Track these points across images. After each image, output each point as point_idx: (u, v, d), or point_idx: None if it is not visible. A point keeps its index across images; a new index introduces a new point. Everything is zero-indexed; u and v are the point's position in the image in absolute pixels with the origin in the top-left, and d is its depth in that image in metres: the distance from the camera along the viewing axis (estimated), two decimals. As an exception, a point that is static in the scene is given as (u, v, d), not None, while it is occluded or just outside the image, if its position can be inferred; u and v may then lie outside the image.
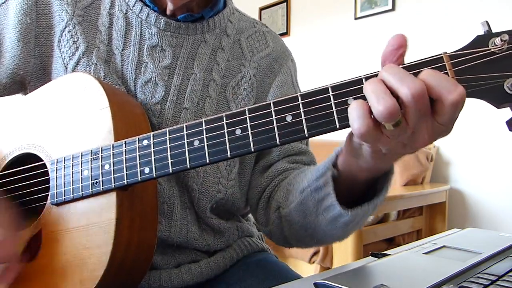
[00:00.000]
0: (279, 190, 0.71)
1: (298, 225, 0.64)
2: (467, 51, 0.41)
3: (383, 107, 0.39)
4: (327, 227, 0.59)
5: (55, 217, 0.58)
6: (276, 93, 0.77)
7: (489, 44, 0.41)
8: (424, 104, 0.40)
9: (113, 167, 0.54)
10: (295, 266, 2.07)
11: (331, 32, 3.12)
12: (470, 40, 0.42)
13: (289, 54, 0.83)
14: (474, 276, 0.46)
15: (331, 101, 0.45)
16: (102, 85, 0.59)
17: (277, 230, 0.70)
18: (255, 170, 0.77)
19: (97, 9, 0.71)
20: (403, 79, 0.40)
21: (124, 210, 0.55)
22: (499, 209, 2.31)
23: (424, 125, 0.42)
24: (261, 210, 0.74)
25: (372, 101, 0.40)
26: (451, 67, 0.41)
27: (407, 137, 0.43)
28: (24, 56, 0.69)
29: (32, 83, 0.71)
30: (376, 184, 0.55)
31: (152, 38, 0.70)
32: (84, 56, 0.68)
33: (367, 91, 0.42)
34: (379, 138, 0.43)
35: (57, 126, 0.61)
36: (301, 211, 0.62)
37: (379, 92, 0.40)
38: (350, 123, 0.42)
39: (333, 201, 0.54)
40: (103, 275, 0.53)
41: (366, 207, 0.53)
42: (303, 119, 0.45)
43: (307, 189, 0.59)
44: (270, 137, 0.46)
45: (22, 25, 0.68)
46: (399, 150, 0.45)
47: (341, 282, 0.44)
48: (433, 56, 0.42)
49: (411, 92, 0.39)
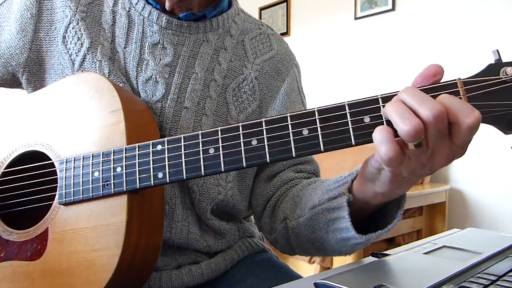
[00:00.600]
0: (285, 200, 0.71)
1: (306, 238, 0.64)
2: (479, 78, 0.44)
3: (409, 126, 0.41)
4: (337, 244, 0.59)
5: (63, 217, 0.58)
6: (285, 100, 0.77)
7: (500, 73, 0.43)
8: (443, 125, 0.42)
9: (125, 170, 0.54)
10: (295, 266, 2.07)
11: (331, 32, 3.12)
12: (483, 68, 0.44)
13: (293, 58, 0.83)
14: (474, 276, 0.46)
15: (348, 119, 0.46)
16: (115, 87, 0.59)
17: (282, 240, 0.70)
18: (260, 178, 0.77)
19: (100, 6, 0.71)
20: (424, 101, 0.42)
21: (134, 213, 0.55)
22: (499, 209, 2.31)
23: (442, 146, 0.43)
24: (266, 219, 0.74)
25: (397, 120, 0.42)
26: (464, 93, 0.43)
27: (426, 158, 0.44)
28: (20, 48, 0.69)
29: (25, 77, 0.71)
30: (387, 205, 0.56)
31: (153, 35, 0.70)
32: (89, 53, 0.68)
33: (389, 111, 0.43)
34: (403, 160, 0.44)
35: (66, 125, 0.61)
36: (310, 226, 0.62)
37: (403, 112, 0.42)
38: (377, 149, 0.44)
39: (348, 225, 0.54)
40: (111, 277, 0.53)
41: (380, 232, 0.54)
42: (320, 134, 0.46)
43: (317, 207, 0.59)
44: (286, 150, 0.48)
45: (23, 19, 0.69)
46: (418, 171, 0.46)
47: (341, 282, 0.44)
48: (448, 82, 0.44)
49: (433, 113, 0.41)
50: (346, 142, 0.46)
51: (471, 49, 2.33)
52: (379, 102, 0.45)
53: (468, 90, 0.43)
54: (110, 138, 0.57)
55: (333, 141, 0.46)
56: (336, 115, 0.46)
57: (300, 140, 0.47)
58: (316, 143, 0.46)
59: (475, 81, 0.43)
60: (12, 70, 0.71)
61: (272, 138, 0.48)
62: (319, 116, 0.47)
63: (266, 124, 0.48)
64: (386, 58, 2.75)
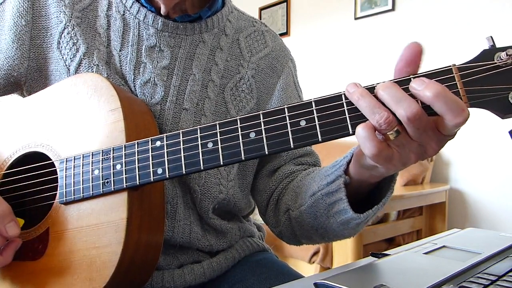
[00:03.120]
0: (287, 192, 0.72)
1: (309, 226, 0.65)
2: (474, 63, 0.44)
3: (378, 117, 0.42)
4: (339, 228, 0.61)
5: (63, 216, 0.58)
6: (281, 96, 0.78)
7: (495, 58, 0.43)
8: (421, 123, 0.43)
9: (125, 167, 0.55)
10: (295, 266, 2.07)
11: (331, 32, 3.12)
12: (477, 54, 0.44)
13: (288, 53, 0.83)
14: (474, 276, 0.46)
15: (344, 108, 0.46)
16: (113, 86, 0.59)
17: (287, 231, 0.72)
18: (262, 174, 0.78)
19: (94, 11, 0.71)
20: (400, 100, 0.42)
21: (134, 209, 0.55)
22: (499, 209, 2.31)
23: (429, 138, 0.44)
24: (271, 213, 0.75)
25: (369, 114, 0.43)
26: (459, 79, 0.43)
27: (415, 148, 0.45)
28: (18, 58, 0.69)
29: (28, 84, 0.71)
30: (380, 182, 0.57)
31: (150, 38, 0.70)
32: (85, 57, 0.68)
33: (361, 106, 0.44)
34: (390, 155, 0.45)
35: (66, 125, 0.61)
36: (312, 213, 0.63)
37: (373, 106, 0.43)
38: (362, 147, 0.45)
39: (345, 206, 0.56)
40: (113, 274, 0.53)
41: (376, 207, 0.55)
42: (317, 124, 0.47)
43: (317, 193, 0.61)
44: (284, 141, 0.48)
45: (17, 27, 0.68)
46: (412, 159, 0.47)
47: (341, 282, 0.44)
48: (443, 68, 0.44)
49: (407, 114, 0.42)
50: (344, 132, 0.46)
51: (471, 49, 2.32)
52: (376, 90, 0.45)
53: (463, 75, 0.43)
54: (109, 136, 0.57)
55: (330, 131, 0.46)
56: (333, 104, 0.47)
57: (298, 131, 0.47)
58: (314, 134, 0.47)
59: (470, 66, 0.43)
60: (14, 81, 0.71)
61: (270, 130, 0.48)
62: (316, 107, 0.47)
63: (264, 116, 0.49)
64: (386, 58, 2.75)
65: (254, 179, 0.79)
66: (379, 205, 0.55)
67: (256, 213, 0.85)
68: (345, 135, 0.46)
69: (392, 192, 0.56)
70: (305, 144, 0.47)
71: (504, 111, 0.43)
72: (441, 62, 0.47)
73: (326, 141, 0.47)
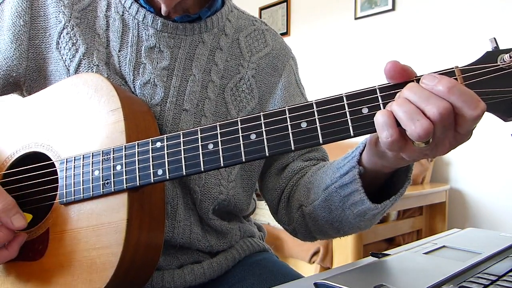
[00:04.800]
0: (298, 189, 0.72)
1: (324, 220, 0.65)
2: (477, 65, 0.43)
3: (420, 129, 0.41)
4: (355, 219, 0.60)
5: (64, 217, 0.58)
6: (284, 95, 0.78)
7: (498, 60, 0.42)
8: (449, 121, 0.42)
9: (125, 168, 0.55)
10: (295, 266, 2.08)
11: (331, 32, 3.12)
12: (480, 56, 0.44)
13: (289, 51, 0.83)
14: (474, 276, 0.46)
15: (346, 110, 0.46)
16: (114, 86, 0.59)
17: (301, 227, 0.72)
18: (270, 173, 0.78)
19: (93, 12, 0.71)
20: (429, 98, 0.41)
21: (134, 210, 0.55)
22: (499, 209, 2.31)
23: (446, 137, 0.44)
24: (283, 210, 0.75)
25: (406, 122, 0.42)
26: (462, 81, 0.43)
27: (430, 149, 0.45)
28: (17, 58, 0.69)
29: (27, 84, 0.71)
30: (396, 171, 0.57)
31: (149, 39, 0.69)
32: (84, 58, 0.68)
33: (398, 111, 0.42)
34: (404, 147, 0.44)
35: (66, 125, 0.61)
36: (326, 207, 0.63)
37: (412, 113, 0.41)
38: (378, 132, 0.44)
39: (362, 196, 0.56)
40: (113, 275, 0.53)
41: (394, 197, 0.55)
42: (318, 126, 0.46)
43: (331, 186, 0.60)
44: (285, 143, 0.48)
45: (16, 27, 0.68)
46: (420, 157, 0.47)
47: (341, 282, 0.44)
48: (446, 70, 0.44)
49: (439, 111, 0.41)
50: (345, 134, 0.46)
51: (471, 49, 2.32)
52: (377, 93, 0.46)
53: (466, 78, 0.43)
54: (110, 137, 0.57)
55: (331, 133, 0.46)
56: (334, 106, 0.46)
57: (298, 133, 0.47)
58: (315, 136, 0.46)
59: (472, 68, 0.43)
60: (13, 81, 0.71)
61: (271, 131, 0.48)
62: (317, 108, 0.47)
63: (265, 118, 0.49)
64: (386, 58, 2.74)
65: (263, 179, 0.79)
66: (396, 195, 0.55)
67: (256, 213, 0.85)
68: (347, 137, 0.46)
69: (409, 183, 0.56)
70: (306, 146, 0.47)
71: (508, 114, 0.43)
72: (441, 62, 0.47)
73: (327, 143, 0.47)
